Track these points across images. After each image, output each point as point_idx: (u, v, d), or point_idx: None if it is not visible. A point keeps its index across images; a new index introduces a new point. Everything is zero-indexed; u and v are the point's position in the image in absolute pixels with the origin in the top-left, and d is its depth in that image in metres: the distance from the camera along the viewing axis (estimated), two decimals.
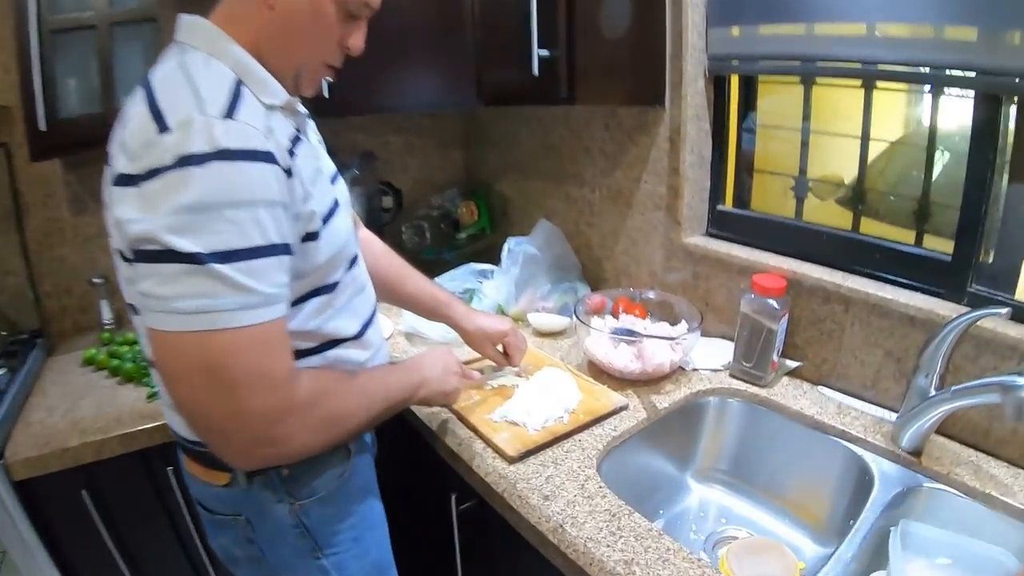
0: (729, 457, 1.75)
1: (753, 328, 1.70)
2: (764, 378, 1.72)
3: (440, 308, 1.70)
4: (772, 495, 1.64)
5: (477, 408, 1.68)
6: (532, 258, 2.19)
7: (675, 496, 1.73)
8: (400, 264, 1.68)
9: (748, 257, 1.83)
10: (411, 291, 1.68)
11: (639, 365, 1.78)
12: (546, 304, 2.16)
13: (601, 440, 1.59)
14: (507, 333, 1.69)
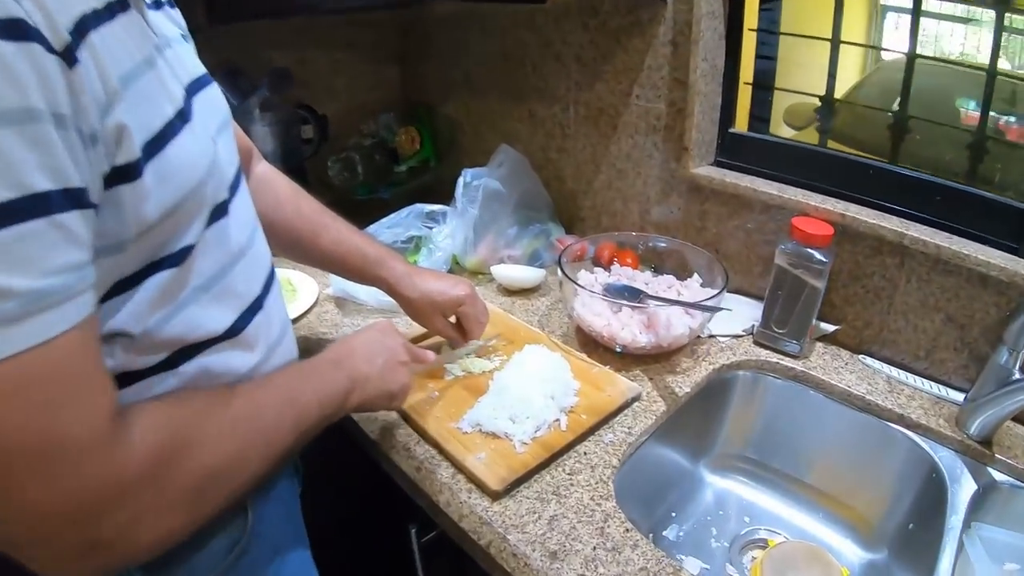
0: (754, 443, 1.42)
1: (791, 285, 1.32)
2: (800, 347, 1.36)
3: (369, 267, 1.22)
4: (806, 489, 1.36)
5: (437, 410, 1.21)
6: (495, 195, 1.70)
7: (688, 494, 1.40)
8: (315, 210, 1.21)
9: (778, 194, 1.40)
10: (328, 246, 1.21)
11: (650, 337, 1.31)
12: (512, 252, 1.73)
13: (614, 450, 1.15)
14: (462, 300, 1.24)
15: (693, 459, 1.41)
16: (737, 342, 1.43)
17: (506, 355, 1.35)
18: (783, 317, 1.34)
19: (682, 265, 1.51)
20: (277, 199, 1.15)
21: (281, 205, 1.16)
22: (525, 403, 1.15)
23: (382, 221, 1.68)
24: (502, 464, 1.07)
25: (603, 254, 1.59)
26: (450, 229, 1.64)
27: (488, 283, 1.69)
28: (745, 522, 1.32)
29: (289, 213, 1.16)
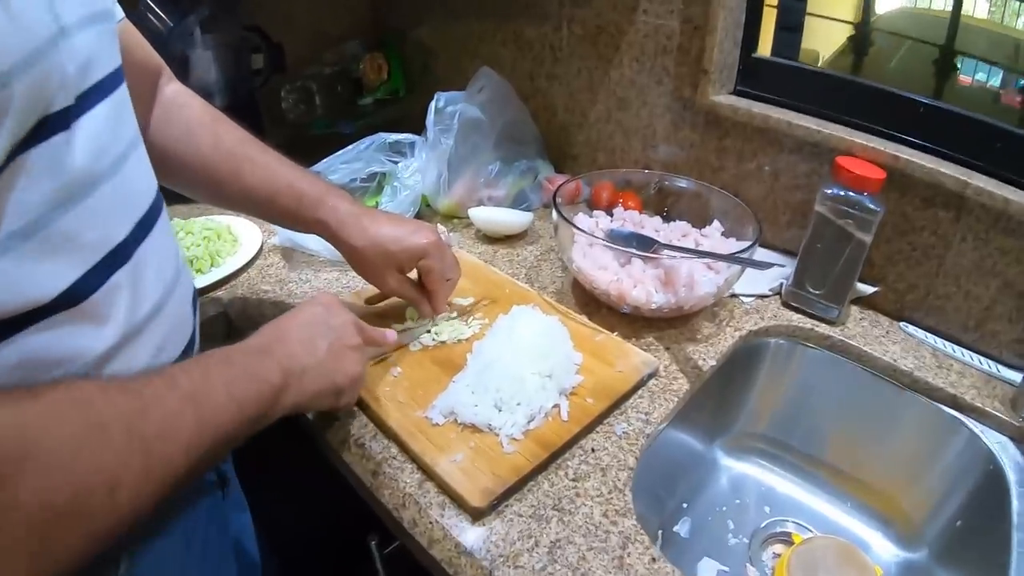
0: (778, 421, 1.21)
1: (832, 238, 1.09)
2: (838, 312, 1.13)
3: (306, 209, 0.94)
4: (834, 474, 1.17)
5: (400, 392, 0.93)
6: (473, 125, 1.40)
7: (702, 481, 1.20)
8: (238, 140, 0.93)
9: (817, 129, 1.15)
10: (253, 184, 0.92)
11: (668, 297, 1.04)
12: (494, 192, 1.44)
13: (629, 444, 0.89)
14: (424, 251, 0.96)
15: (708, 440, 1.20)
16: (763, 304, 1.19)
17: (488, 319, 1.07)
18: (820, 276, 1.11)
19: (699, 211, 1.25)
20: (188, 128, 0.89)
21: (193, 135, 0.89)
22: (515, 384, 0.88)
23: (337, 154, 1.37)
24: (485, 469, 0.80)
25: (601, 195, 1.33)
26: (419, 164, 1.33)
27: (465, 229, 1.42)
28: (765, 512, 1.14)
29: (204, 145, 0.90)
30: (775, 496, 1.17)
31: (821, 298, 1.12)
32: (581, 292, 1.17)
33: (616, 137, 1.50)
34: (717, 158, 1.32)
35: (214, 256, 1.26)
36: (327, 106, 1.84)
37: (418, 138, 1.38)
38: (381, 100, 1.92)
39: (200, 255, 1.24)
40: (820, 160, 1.15)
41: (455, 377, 0.93)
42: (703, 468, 1.19)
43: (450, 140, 1.35)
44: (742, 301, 1.19)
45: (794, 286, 1.15)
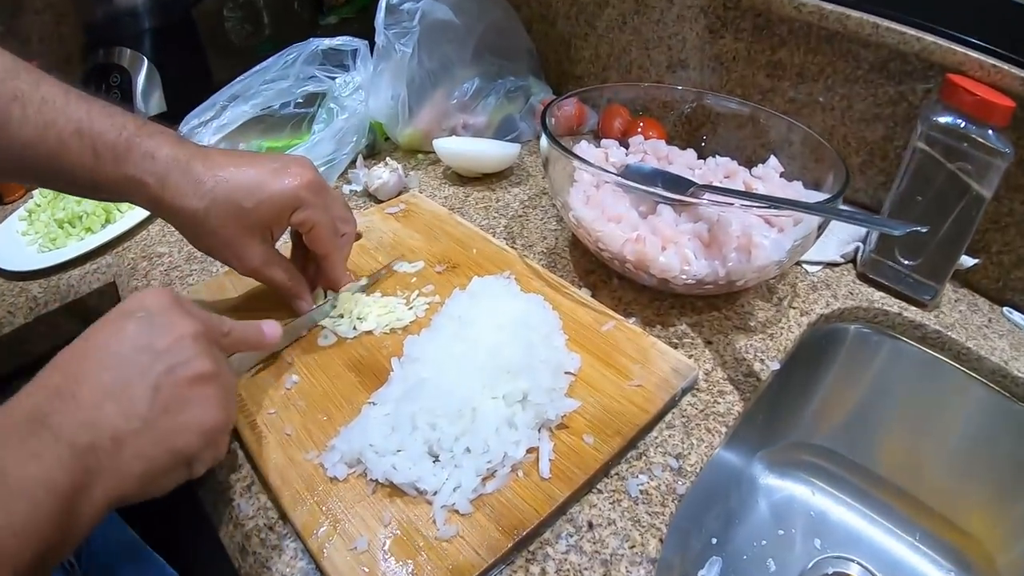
0: (839, 432, 0.91)
1: (939, 189, 0.76)
2: (935, 292, 0.81)
3: (106, 163, 0.58)
4: (902, 499, 0.89)
5: (287, 419, 0.59)
6: (442, 28, 1.02)
7: (737, 508, 0.89)
8: (1, 72, 0.57)
9: (915, 35, 0.81)
10: (26, 137, 0.56)
11: (714, 266, 0.68)
12: (472, 119, 1.08)
13: (652, 513, 0.54)
14: (294, 197, 0.63)
15: (747, 453, 0.90)
16: (834, 276, 0.85)
17: (440, 296, 0.71)
18: (916, 240, 0.79)
19: (748, 144, 0.90)
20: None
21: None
22: (462, 415, 0.53)
23: (255, 70, 0.99)
24: (410, 572, 0.46)
25: (612, 121, 0.96)
26: (363, 78, 0.94)
27: (430, 167, 1.07)
28: (815, 547, 0.88)
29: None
30: (827, 525, 0.90)
31: (913, 271, 0.81)
32: (583, 255, 0.84)
33: (632, 50, 1.13)
34: (769, 76, 0.97)
35: (110, 210, 0.97)
36: (277, 26, 1.49)
37: (362, 43, 1.01)
38: (347, 19, 1.58)
39: (91, 210, 0.96)
40: (914, 81, 0.84)
41: (374, 395, 0.57)
42: (739, 490, 0.90)
43: (408, 47, 0.98)
44: (806, 271, 0.84)
45: (876, 252, 0.83)
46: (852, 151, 0.92)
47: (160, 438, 0.44)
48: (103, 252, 0.91)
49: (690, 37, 1.03)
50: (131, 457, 0.43)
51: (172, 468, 0.45)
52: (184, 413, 0.46)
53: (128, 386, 0.44)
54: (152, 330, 0.46)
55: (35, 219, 0.97)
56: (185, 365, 0.46)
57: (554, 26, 1.24)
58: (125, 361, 0.45)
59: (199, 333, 0.48)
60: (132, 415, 0.43)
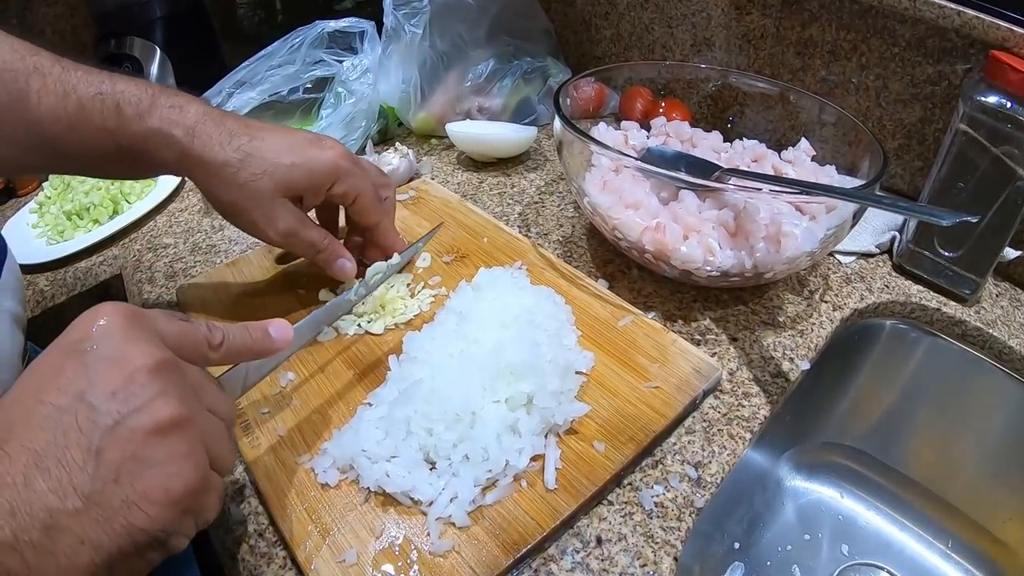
0: (870, 433, 0.86)
1: (982, 175, 0.70)
2: (976, 285, 0.75)
3: (130, 120, 0.54)
4: (934, 504, 0.84)
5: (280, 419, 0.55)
6: (453, 7, 0.98)
7: (762, 511, 0.85)
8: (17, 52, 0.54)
9: (956, 9, 0.75)
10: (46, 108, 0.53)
11: (741, 256, 0.64)
12: (487, 102, 1.04)
13: (666, 529, 0.49)
14: (334, 168, 0.59)
15: (773, 454, 0.85)
16: (868, 266, 0.80)
17: (447, 288, 0.68)
18: (957, 230, 0.74)
19: (777, 126, 0.86)
20: None
21: None
22: (461, 419, 0.49)
23: (260, 55, 0.96)
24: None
25: (633, 103, 0.91)
26: (371, 60, 0.91)
27: (444, 152, 1.04)
28: (843, 554, 0.84)
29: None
30: (855, 530, 0.86)
31: (953, 263, 0.75)
32: (600, 244, 0.79)
33: (655, 29, 1.08)
34: (799, 54, 0.92)
35: (118, 201, 0.96)
36: (292, 11, 1.46)
37: (369, 25, 0.98)
38: (362, 3, 1.50)
39: (98, 201, 0.95)
40: (954, 59, 0.79)
41: (370, 396, 0.53)
42: (765, 492, 0.85)
43: (419, 29, 0.94)
44: (839, 262, 0.79)
45: (915, 243, 0.78)
46: (888, 134, 0.87)
47: (110, 517, 0.34)
48: (110, 244, 0.90)
49: (715, 14, 0.99)
50: (72, 547, 0.33)
51: (135, 552, 0.35)
52: (141, 480, 0.35)
53: (64, 451, 0.34)
54: (94, 368, 0.36)
55: (45, 212, 0.96)
56: (138, 413, 0.35)
57: (573, 5, 1.20)
58: (60, 416, 0.34)
59: (160, 364, 0.37)
60: (69, 490, 0.33)
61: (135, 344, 0.37)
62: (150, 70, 1.16)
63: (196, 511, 0.38)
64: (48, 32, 1.23)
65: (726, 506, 0.74)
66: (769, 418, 0.59)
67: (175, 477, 0.36)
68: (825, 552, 0.84)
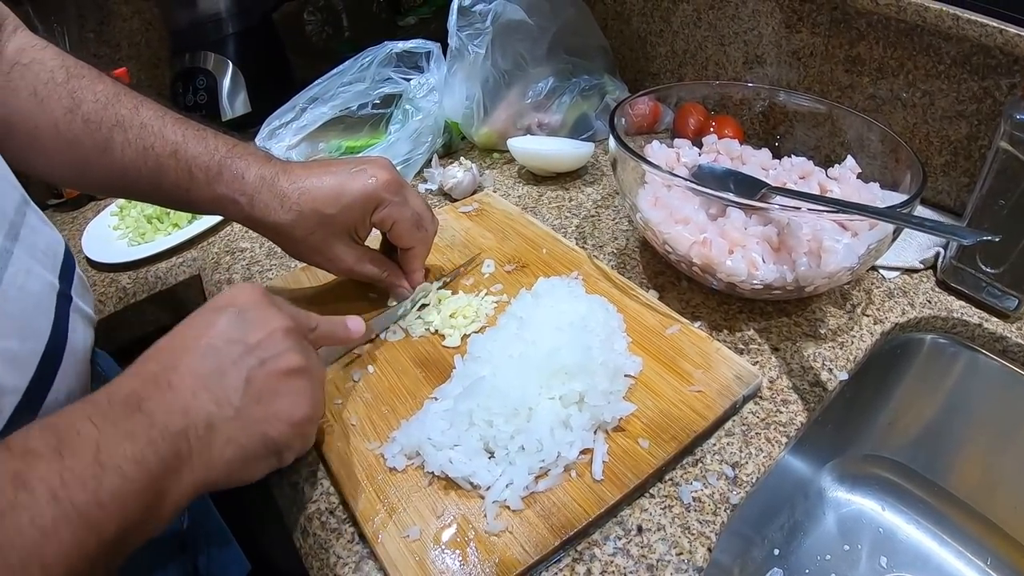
0: (911, 446, 0.87)
1: None
2: (1017, 302, 0.75)
3: (200, 186, 0.65)
4: (975, 521, 0.84)
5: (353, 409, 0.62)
6: (515, 29, 1.03)
7: (803, 517, 0.87)
8: (102, 101, 0.64)
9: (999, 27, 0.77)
10: (128, 160, 0.64)
11: (783, 271, 0.68)
12: (547, 118, 1.08)
13: (702, 522, 0.54)
14: (374, 195, 0.66)
15: (816, 463, 0.87)
16: (912, 282, 0.82)
17: (509, 295, 0.74)
18: (1000, 247, 0.75)
19: (825, 143, 0.88)
20: (35, 92, 0.62)
21: (43, 102, 0.63)
22: (518, 414, 0.54)
23: (332, 74, 1.03)
24: (458, 563, 0.48)
25: (687, 120, 0.95)
26: (437, 80, 0.97)
27: (505, 166, 1.08)
28: (881, 566, 0.85)
29: (56, 113, 0.63)
30: (895, 543, 0.87)
31: (996, 280, 0.76)
32: (652, 256, 0.84)
33: (708, 47, 1.11)
34: (847, 71, 0.94)
35: None
36: (359, 28, 1.52)
37: (435, 45, 1.03)
38: (426, 19, 1.58)
39: None
40: (999, 76, 0.80)
41: (436, 391, 0.59)
42: (806, 501, 0.87)
43: (481, 48, 0.99)
44: (883, 277, 0.81)
45: (958, 259, 0.79)
46: (935, 151, 0.89)
47: (251, 426, 0.46)
48: (189, 247, 0.96)
49: (766, 32, 1.01)
50: (222, 444, 0.45)
51: (262, 456, 0.48)
52: (275, 404, 0.48)
53: (222, 376, 0.46)
54: (245, 324, 0.49)
55: (126, 215, 1.02)
56: (277, 359, 0.49)
57: (629, 23, 1.23)
58: (219, 353, 0.47)
59: (290, 328, 0.51)
60: (225, 403, 0.45)
61: (272, 312, 0.51)
62: (223, 83, 1.21)
63: (304, 437, 0.51)
64: (125, 46, 1.28)
65: (766, 512, 0.78)
66: (808, 426, 0.62)
67: (297, 406, 0.49)
68: (864, 563, 0.85)
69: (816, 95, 0.94)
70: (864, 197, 0.76)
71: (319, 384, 0.52)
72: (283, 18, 1.41)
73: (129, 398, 0.42)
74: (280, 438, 0.48)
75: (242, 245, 0.94)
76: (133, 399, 0.42)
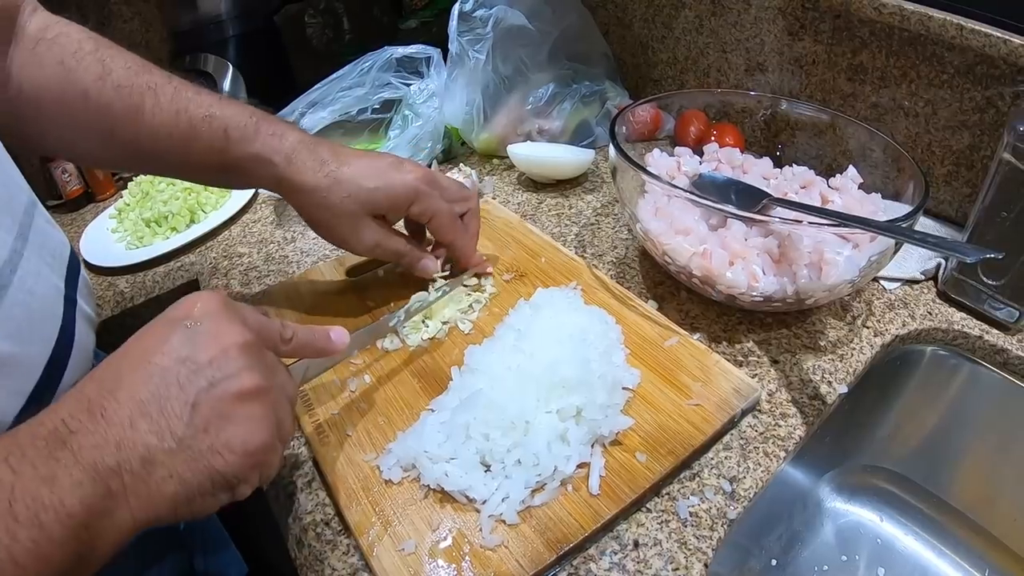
0: (911, 457, 0.87)
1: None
2: (1018, 314, 0.75)
3: (235, 144, 0.65)
4: (974, 533, 0.84)
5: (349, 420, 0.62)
6: (516, 33, 1.03)
7: (802, 527, 0.86)
8: (132, 68, 0.65)
9: (1002, 37, 0.76)
10: (159, 122, 0.63)
11: (783, 283, 0.68)
12: (547, 124, 1.07)
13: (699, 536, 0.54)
14: (413, 190, 0.68)
15: (815, 474, 0.87)
16: (913, 293, 0.82)
17: (500, 306, 0.74)
18: (1001, 261, 0.70)
19: (826, 153, 0.88)
20: (63, 63, 0.62)
21: (72, 71, 0.62)
22: (515, 427, 0.54)
23: (332, 79, 1.03)
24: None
25: (688, 127, 0.95)
26: (437, 85, 0.97)
27: (505, 172, 1.08)
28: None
29: (87, 79, 0.63)
30: (893, 554, 0.87)
31: (997, 292, 0.76)
32: (652, 266, 0.83)
33: (710, 53, 1.11)
34: (849, 80, 0.94)
35: (195, 211, 1.04)
36: (360, 31, 1.52)
37: (435, 51, 1.04)
38: (427, 23, 1.57)
39: (176, 211, 1.02)
40: (1002, 85, 0.79)
41: (433, 403, 0.59)
42: (804, 511, 0.87)
43: (482, 54, 0.99)
44: (884, 288, 0.81)
45: (959, 271, 0.79)
46: (937, 160, 0.88)
47: (196, 459, 0.42)
48: (187, 251, 0.96)
49: (768, 39, 1.01)
50: (163, 479, 0.40)
51: (208, 492, 0.43)
52: (225, 432, 0.43)
53: (165, 402, 0.41)
54: (196, 340, 0.44)
55: (124, 218, 1.02)
56: (229, 380, 0.43)
57: (630, 29, 1.22)
58: (164, 374, 0.42)
59: (248, 344, 0.45)
60: (166, 433, 0.41)
61: (229, 324, 0.45)
62: (223, 86, 1.21)
63: (263, 466, 0.45)
64: (125, 46, 1.28)
65: (764, 523, 0.76)
66: (807, 438, 0.62)
67: (252, 434, 0.44)
68: (861, 574, 0.85)
69: (818, 103, 0.94)
70: (866, 207, 0.75)
71: (283, 406, 0.48)
72: (284, 21, 1.41)
73: (56, 431, 0.38)
74: (229, 471, 0.43)
75: (240, 250, 0.94)
76: (60, 432, 0.38)
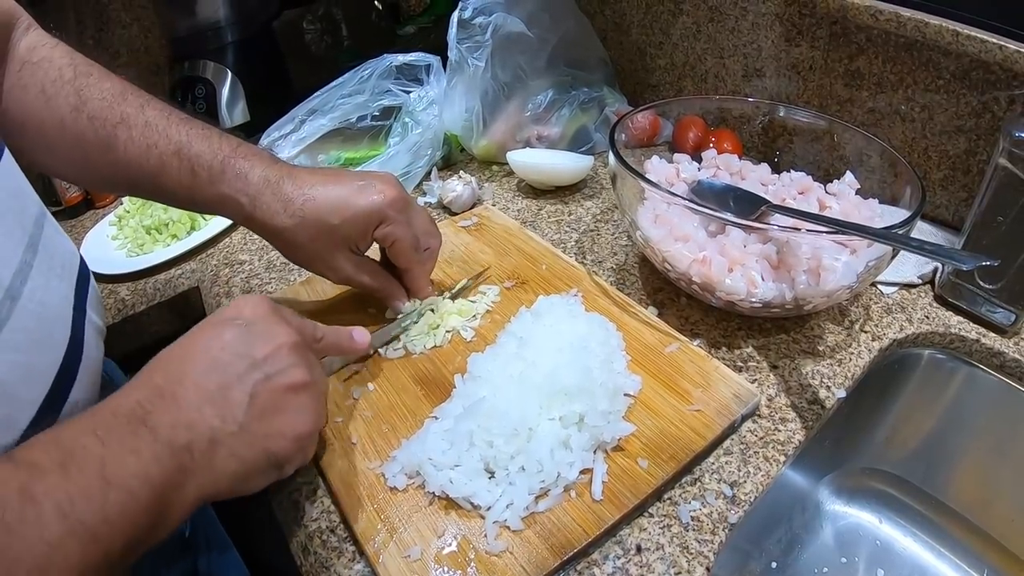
0: (910, 460, 0.88)
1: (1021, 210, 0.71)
2: (1015, 317, 0.76)
3: (203, 184, 0.66)
4: (973, 535, 0.84)
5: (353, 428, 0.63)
6: (515, 40, 1.04)
7: (801, 530, 0.86)
8: (108, 99, 0.65)
9: (997, 43, 0.77)
10: (130, 157, 0.65)
11: (782, 289, 0.69)
12: (546, 131, 1.08)
13: (701, 540, 0.55)
14: (379, 212, 0.68)
15: (813, 477, 0.87)
16: (910, 297, 0.83)
17: (502, 314, 0.75)
18: (1000, 266, 0.75)
19: (824, 159, 0.89)
20: (43, 90, 0.64)
21: (50, 99, 0.64)
22: (519, 434, 0.55)
23: (332, 86, 1.03)
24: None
25: (686, 134, 0.95)
26: (436, 92, 0.98)
27: (504, 179, 1.09)
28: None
29: (63, 110, 0.65)
30: (892, 556, 0.87)
31: (993, 295, 0.77)
32: (652, 272, 0.84)
33: (707, 59, 1.12)
34: (847, 85, 0.95)
35: (195, 218, 1.04)
36: (355, 35, 1.53)
37: (435, 58, 1.04)
38: (425, 28, 1.57)
39: (177, 218, 1.02)
40: (998, 91, 0.80)
41: (436, 410, 0.60)
42: (804, 514, 0.87)
43: (481, 61, 1.00)
44: (881, 292, 0.82)
45: (956, 275, 0.80)
46: (933, 165, 0.89)
47: (254, 441, 0.47)
48: (188, 258, 0.97)
49: (765, 45, 1.02)
50: (225, 457, 0.46)
51: (263, 470, 0.49)
52: (278, 419, 0.49)
53: (227, 390, 0.47)
54: (251, 338, 0.49)
55: (124, 225, 1.03)
56: (282, 374, 0.49)
57: (628, 35, 1.23)
58: (225, 367, 0.48)
59: (296, 343, 0.51)
60: (229, 418, 0.46)
61: (279, 326, 0.51)
62: (222, 92, 1.21)
63: (305, 450, 0.52)
64: (124, 52, 1.28)
65: (764, 525, 0.77)
66: (806, 442, 0.63)
67: (300, 422, 0.50)
68: (862, 574, 0.85)
69: (815, 108, 0.95)
70: (863, 213, 0.76)
71: (322, 398, 0.53)
72: (282, 27, 1.41)
73: (134, 411, 0.43)
74: (282, 453, 0.49)
75: (241, 257, 0.94)
76: (138, 412, 0.43)
